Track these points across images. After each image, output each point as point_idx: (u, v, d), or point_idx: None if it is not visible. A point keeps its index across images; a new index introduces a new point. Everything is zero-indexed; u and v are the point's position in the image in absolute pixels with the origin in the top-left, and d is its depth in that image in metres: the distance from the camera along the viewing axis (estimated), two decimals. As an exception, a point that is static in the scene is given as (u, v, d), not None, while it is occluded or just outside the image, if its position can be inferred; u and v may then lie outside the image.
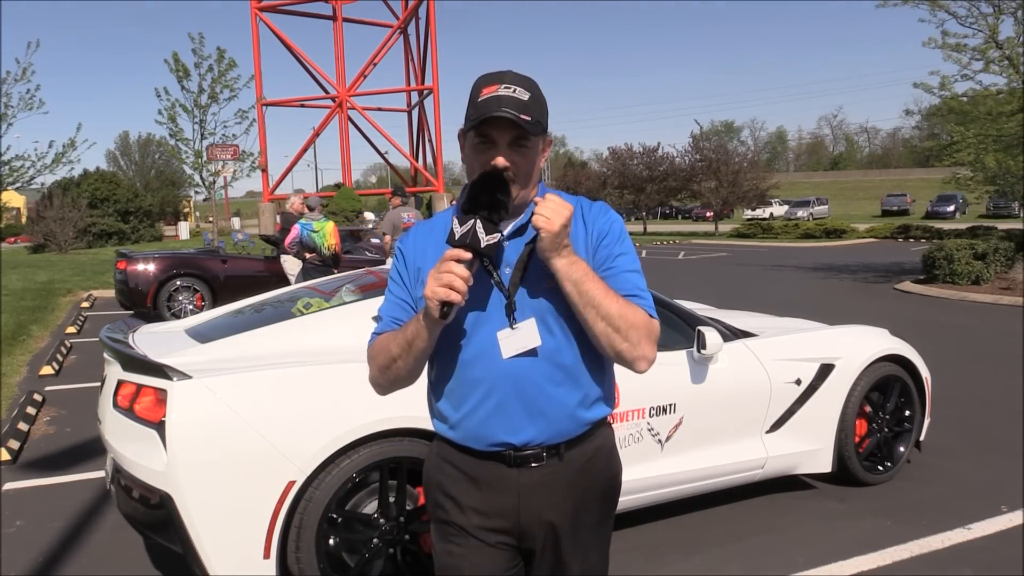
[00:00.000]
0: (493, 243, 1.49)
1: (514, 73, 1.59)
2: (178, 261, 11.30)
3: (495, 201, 1.51)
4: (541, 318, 1.59)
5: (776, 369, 3.94)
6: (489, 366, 1.59)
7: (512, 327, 1.57)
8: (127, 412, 2.97)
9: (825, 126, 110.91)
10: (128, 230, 40.51)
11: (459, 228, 1.49)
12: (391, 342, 1.61)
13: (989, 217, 39.49)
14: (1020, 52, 13.04)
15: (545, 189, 1.67)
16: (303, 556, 2.86)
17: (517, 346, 1.57)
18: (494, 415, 1.60)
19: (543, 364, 1.59)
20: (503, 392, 1.59)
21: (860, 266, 18.07)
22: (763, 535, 3.69)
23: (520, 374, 1.58)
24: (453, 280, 1.43)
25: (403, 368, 1.61)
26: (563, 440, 1.63)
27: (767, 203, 41.50)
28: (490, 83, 1.56)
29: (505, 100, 1.52)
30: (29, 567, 3.48)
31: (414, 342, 1.55)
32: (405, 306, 1.68)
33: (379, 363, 1.65)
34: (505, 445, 1.61)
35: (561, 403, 1.61)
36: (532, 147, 1.58)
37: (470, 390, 1.61)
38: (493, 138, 1.54)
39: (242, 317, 3.85)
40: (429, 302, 1.46)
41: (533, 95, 1.56)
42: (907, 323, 9.09)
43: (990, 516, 3.82)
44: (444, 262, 1.46)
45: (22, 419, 5.70)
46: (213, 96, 22.95)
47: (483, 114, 1.51)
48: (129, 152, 73.54)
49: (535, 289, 1.59)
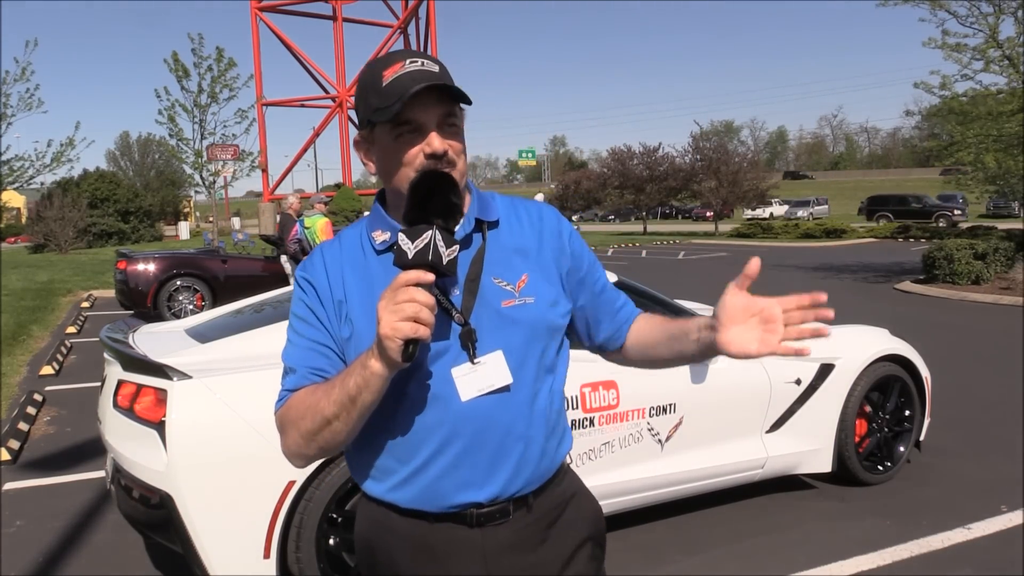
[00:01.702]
0: (454, 258, 1.21)
1: (410, 51, 1.32)
2: (178, 261, 11.30)
3: (448, 205, 1.22)
4: (506, 346, 1.31)
5: (776, 369, 3.94)
6: (444, 410, 1.29)
7: (473, 362, 1.28)
8: (127, 412, 2.97)
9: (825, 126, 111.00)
10: (128, 230, 40.51)
11: (410, 244, 1.18)
12: (321, 400, 1.25)
13: (989, 217, 39.47)
14: (1020, 52, 13.04)
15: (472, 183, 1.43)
16: (303, 556, 2.86)
17: (480, 385, 1.28)
18: (453, 469, 1.30)
19: (510, 401, 1.31)
20: (464, 440, 1.29)
21: (860, 266, 18.07)
22: (763, 535, 3.69)
23: (484, 417, 1.29)
24: (418, 311, 1.13)
25: (342, 431, 1.24)
26: (532, 488, 1.36)
27: (767, 203, 41.51)
28: (391, 63, 1.28)
29: (418, 74, 1.25)
30: (29, 567, 3.48)
31: (359, 396, 1.20)
32: (327, 352, 1.33)
33: (304, 428, 1.27)
34: (468, 504, 1.32)
35: (531, 445, 1.34)
36: (461, 125, 1.33)
37: (421, 441, 1.30)
38: (419, 122, 1.26)
39: (242, 317, 3.85)
40: (388, 342, 1.13)
41: (442, 67, 1.29)
42: (907, 323, 9.08)
43: (990, 516, 3.82)
44: (400, 289, 1.14)
45: (22, 419, 5.70)
46: (213, 96, 22.99)
47: (404, 92, 1.22)
48: (129, 152, 73.52)
49: (491, 311, 1.31)
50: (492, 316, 1.31)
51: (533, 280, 1.36)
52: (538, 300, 1.35)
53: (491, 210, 1.40)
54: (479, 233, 1.36)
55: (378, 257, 1.34)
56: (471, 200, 1.39)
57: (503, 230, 1.39)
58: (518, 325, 1.32)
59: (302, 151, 32.49)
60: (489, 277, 1.32)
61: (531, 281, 1.35)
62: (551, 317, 1.37)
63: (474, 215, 1.37)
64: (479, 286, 1.31)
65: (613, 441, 3.43)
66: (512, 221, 1.42)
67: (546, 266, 1.39)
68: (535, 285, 1.36)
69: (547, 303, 1.36)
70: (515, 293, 1.33)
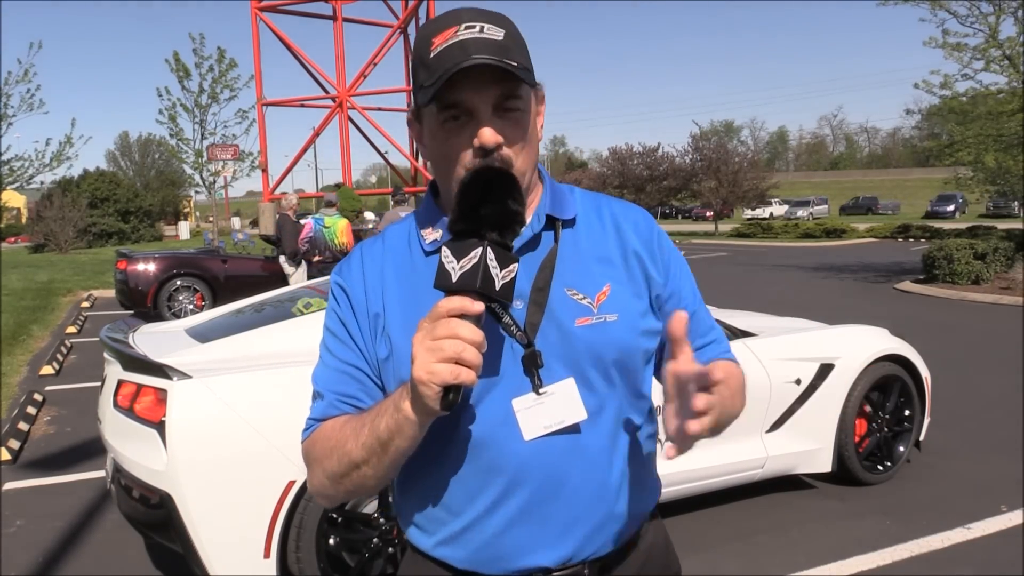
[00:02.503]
0: (511, 279, 0.96)
1: (474, 8, 1.05)
2: (178, 261, 11.31)
3: (505, 212, 0.97)
4: (579, 374, 1.07)
5: (776, 369, 3.94)
6: (504, 452, 1.06)
7: (538, 392, 1.05)
8: (127, 412, 2.97)
9: (825, 126, 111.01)
10: (128, 230, 40.54)
11: (455, 263, 0.95)
12: (348, 439, 1.05)
13: (989, 217, 39.47)
14: (1020, 52, 13.04)
15: (546, 173, 1.21)
16: (303, 556, 2.86)
17: (547, 421, 1.05)
18: (517, 525, 1.07)
19: (587, 443, 1.08)
20: (530, 491, 1.06)
21: (860, 266, 18.06)
22: (763, 535, 3.69)
23: (554, 461, 1.06)
24: (461, 350, 0.90)
25: (371, 476, 1.05)
26: (611, 548, 1.13)
27: (767, 203, 41.53)
28: (442, 28, 1.02)
29: (472, 45, 0.99)
30: (29, 567, 3.48)
31: (391, 442, 1.00)
32: (360, 376, 1.12)
33: (330, 469, 1.08)
34: (534, 570, 1.09)
35: (612, 498, 1.11)
36: (526, 108, 1.06)
37: (476, 489, 1.08)
38: (468, 106, 1.02)
39: (242, 317, 3.85)
40: (423, 388, 0.92)
41: (509, 32, 1.04)
42: (907, 323, 9.08)
43: (990, 516, 3.82)
44: (440, 321, 0.92)
45: (22, 419, 5.70)
46: (213, 96, 22.97)
47: (447, 70, 0.98)
48: (129, 152, 73.56)
49: (562, 330, 1.07)
50: (563, 336, 1.07)
51: (617, 293, 1.11)
52: (622, 318, 1.10)
53: (567, 206, 1.16)
54: (550, 232, 1.13)
55: (427, 259, 1.12)
56: (543, 192, 1.16)
57: (581, 231, 1.15)
58: (596, 348, 1.08)
59: (302, 151, 32.44)
60: (561, 287, 1.09)
61: (614, 294, 1.11)
62: (638, 340, 1.12)
63: (545, 211, 1.13)
64: (548, 298, 1.07)
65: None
66: (593, 221, 1.17)
67: (634, 278, 1.14)
68: (619, 299, 1.11)
69: (633, 322, 1.12)
70: (593, 309, 1.09)
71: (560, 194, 1.17)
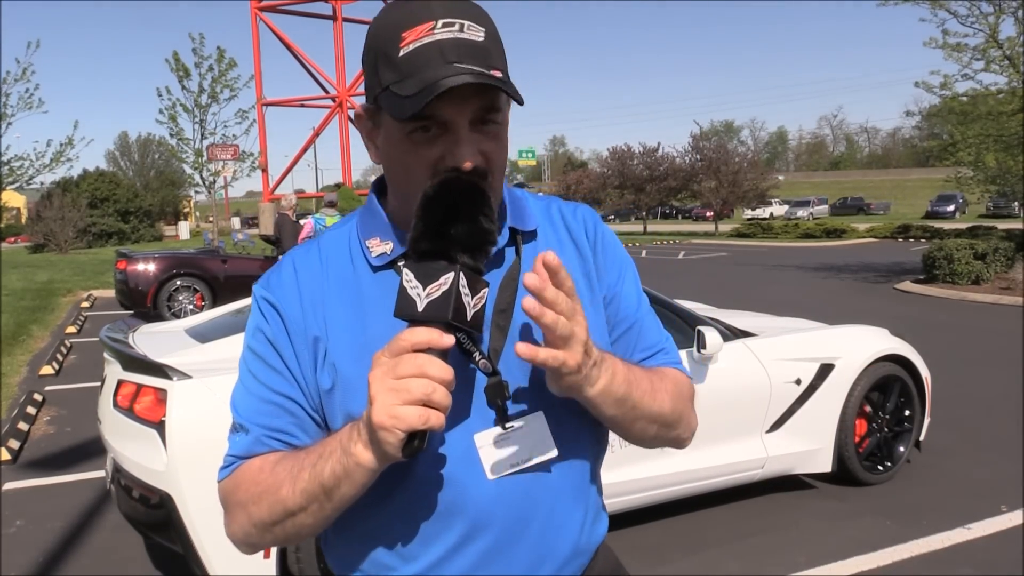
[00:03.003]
0: (481, 307, 0.86)
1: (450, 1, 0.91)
2: (178, 261, 11.31)
3: (477, 232, 0.86)
4: (549, 406, 0.97)
5: (776, 369, 3.94)
6: (465, 492, 0.94)
7: (503, 426, 0.94)
8: (127, 412, 2.97)
9: (825, 126, 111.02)
10: (128, 230, 40.57)
11: (420, 289, 0.83)
12: (283, 484, 0.92)
13: (989, 217, 39.47)
14: (1020, 52, 13.05)
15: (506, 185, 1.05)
16: (303, 556, 2.86)
17: (514, 459, 0.95)
18: (480, 569, 0.96)
19: (555, 479, 0.99)
20: (495, 533, 0.96)
21: (860, 266, 18.07)
22: (763, 535, 3.69)
23: (520, 500, 0.96)
24: (431, 392, 0.80)
25: (308, 525, 0.93)
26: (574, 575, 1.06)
27: (767, 203, 41.55)
28: (414, 20, 0.89)
29: (451, 49, 0.87)
30: (29, 567, 3.48)
31: (336, 489, 0.88)
32: (293, 408, 0.98)
33: (257, 516, 0.96)
34: None
35: (576, 533, 1.03)
36: (504, 122, 0.95)
37: (433, 532, 0.96)
38: (443, 119, 0.90)
39: (242, 317, 3.85)
40: (384, 434, 0.80)
41: (488, 31, 0.91)
42: (907, 323, 9.08)
43: (990, 516, 3.81)
44: (405, 357, 0.81)
45: (22, 419, 5.70)
46: (213, 96, 23.01)
47: (428, 87, 0.85)
48: (129, 152, 73.59)
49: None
50: (521, 363, 0.93)
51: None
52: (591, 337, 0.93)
53: (527, 216, 1.05)
54: (512, 247, 1.01)
55: (375, 275, 0.98)
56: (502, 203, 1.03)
57: (541, 244, 1.04)
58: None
59: (302, 151, 32.47)
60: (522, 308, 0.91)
61: None
62: None
63: (507, 223, 1.01)
64: (511, 320, 0.95)
65: (613, 442, 3.42)
66: (548, 231, 1.06)
67: (592, 288, 1.05)
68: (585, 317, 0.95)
69: (601, 340, 1.01)
70: None
71: (519, 203, 1.06)
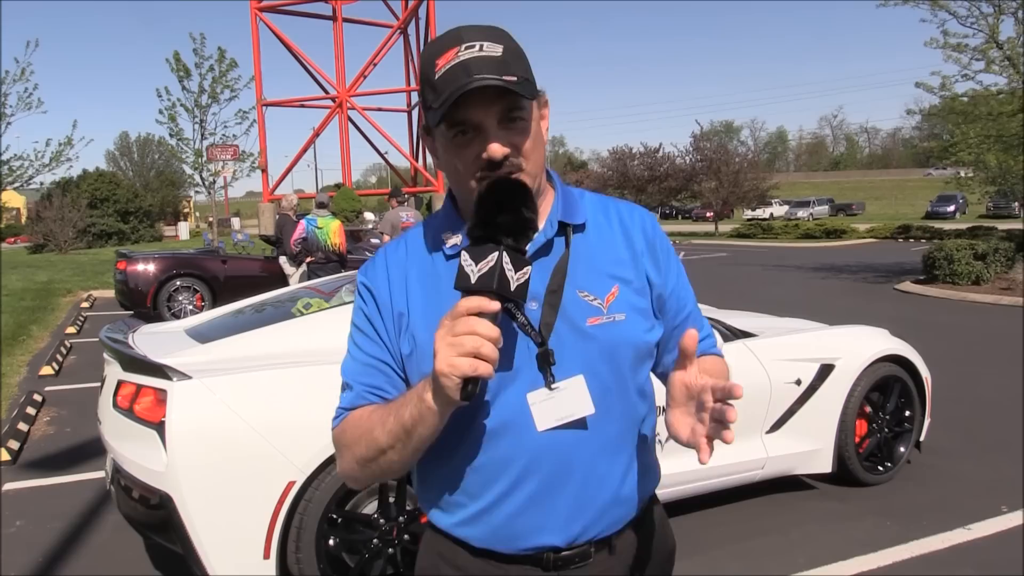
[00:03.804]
0: (524, 281, 1.05)
1: (473, 26, 1.13)
2: (178, 261, 11.31)
3: (519, 220, 1.07)
4: (590, 370, 1.16)
5: (776, 369, 3.93)
6: (519, 442, 1.16)
7: (550, 387, 1.14)
8: (127, 412, 2.97)
9: (825, 126, 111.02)
10: (128, 230, 40.55)
11: (474, 266, 1.04)
12: (375, 427, 1.15)
13: (989, 217, 39.48)
14: (1021, 52, 13.04)
15: (556, 177, 1.29)
16: (303, 556, 2.86)
17: (558, 414, 1.15)
18: (530, 508, 1.17)
19: (595, 434, 1.18)
20: (541, 477, 1.16)
21: (860, 266, 18.07)
22: (763, 535, 3.69)
23: (565, 451, 1.16)
24: (480, 345, 0.99)
25: (396, 461, 1.15)
26: (616, 529, 1.24)
27: (767, 203, 41.54)
28: (444, 49, 1.10)
29: (473, 64, 1.07)
30: (29, 567, 3.48)
31: (415, 430, 1.09)
32: (386, 369, 1.22)
33: (358, 454, 1.18)
34: (544, 548, 1.19)
35: (617, 484, 1.22)
36: (529, 118, 1.14)
37: (493, 475, 1.17)
38: (474, 122, 1.10)
39: (242, 317, 3.85)
40: (445, 380, 1.00)
41: (507, 47, 1.11)
42: (907, 323, 9.07)
43: (990, 516, 3.81)
44: (460, 319, 1.01)
45: (22, 419, 5.70)
46: (213, 96, 23.01)
47: (452, 93, 1.06)
48: (129, 152, 73.55)
49: (574, 330, 1.16)
50: (575, 335, 1.16)
51: (625, 294, 1.20)
52: (629, 317, 1.19)
53: (577, 211, 1.24)
54: (562, 238, 1.21)
55: (448, 263, 1.19)
56: (554, 198, 1.24)
57: (591, 235, 1.23)
58: (606, 346, 1.17)
59: (302, 151, 32.47)
60: (573, 290, 1.17)
61: (622, 295, 1.20)
62: (644, 337, 1.22)
63: (557, 217, 1.21)
64: (561, 300, 1.16)
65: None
66: (602, 224, 1.25)
67: (640, 279, 1.23)
68: (627, 300, 1.20)
69: (639, 321, 1.21)
70: (603, 309, 1.17)
71: (571, 199, 1.25)
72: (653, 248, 1.26)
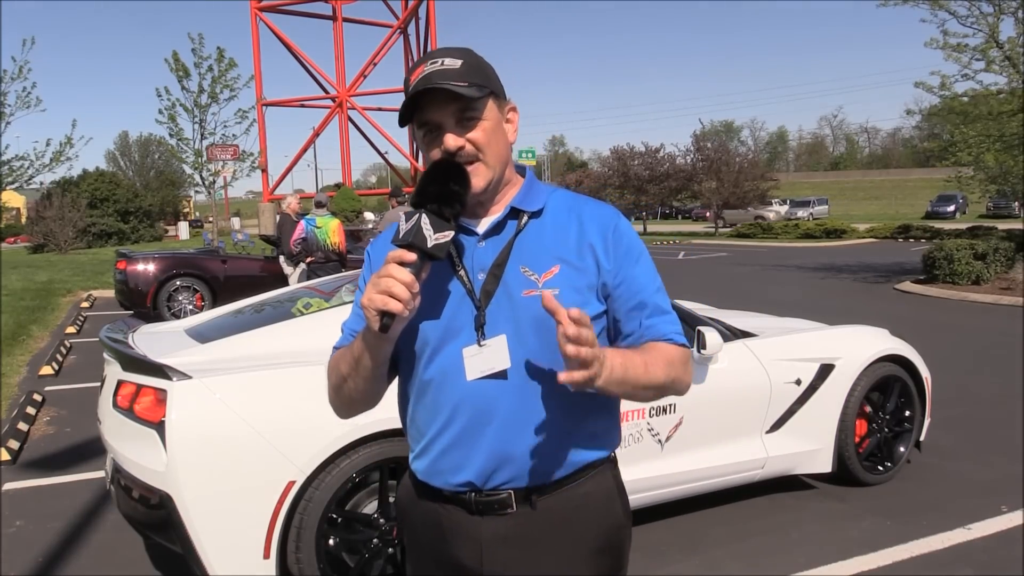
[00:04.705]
0: (443, 242, 1.25)
1: (445, 48, 1.37)
2: (178, 261, 11.31)
3: (446, 192, 1.27)
4: (518, 333, 1.33)
5: (776, 369, 3.93)
6: (453, 388, 1.35)
7: (480, 344, 1.33)
8: (127, 412, 2.97)
9: (825, 126, 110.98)
10: (128, 230, 40.53)
11: (404, 225, 1.27)
12: (341, 360, 1.39)
13: (989, 217, 39.46)
14: (1021, 52, 13.04)
15: (533, 177, 1.47)
16: (303, 556, 2.86)
17: (483, 367, 1.33)
18: (456, 446, 1.36)
19: (517, 389, 1.33)
20: (464, 420, 1.34)
21: (860, 266, 18.07)
22: (763, 535, 3.69)
23: (487, 399, 1.33)
24: (391, 286, 1.19)
25: (354, 390, 1.38)
26: (539, 484, 1.36)
27: (767, 203, 41.53)
28: (417, 66, 1.35)
29: (433, 75, 1.30)
30: (29, 567, 3.48)
31: (360, 359, 1.33)
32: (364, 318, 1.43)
33: (332, 382, 1.43)
34: (467, 485, 1.36)
35: (538, 438, 1.34)
36: (485, 118, 1.34)
37: (433, 415, 1.38)
38: (436, 122, 1.33)
39: (242, 317, 3.85)
40: (367, 312, 1.22)
41: (466, 61, 1.33)
42: (907, 323, 9.08)
43: (990, 516, 3.82)
44: (384, 265, 1.23)
45: (22, 419, 5.70)
46: (213, 96, 22.96)
47: (409, 96, 1.31)
48: (129, 152, 73.52)
49: (512, 298, 1.35)
50: (510, 303, 1.35)
51: (564, 273, 1.36)
52: (564, 293, 1.32)
53: (535, 201, 1.42)
54: (515, 221, 1.40)
55: None
56: (520, 189, 1.43)
57: (547, 221, 1.41)
58: (533, 314, 1.31)
59: (302, 151, 32.52)
60: (517, 265, 1.36)
61: (561, 274, 1.36)
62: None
63: (512, 204, 1.40)
64: (503, 272, 1.35)
65: (613, 441, 3.42)
66: (562, 215, 1.42)
67: (584, 263, 1.37)
68: (564, 278, 1.35)
69: (573, 296, 1.33)
70: (538, 284, 1.34)
71: (535, 192, 1.44)
72: (607, 240, 1.39)
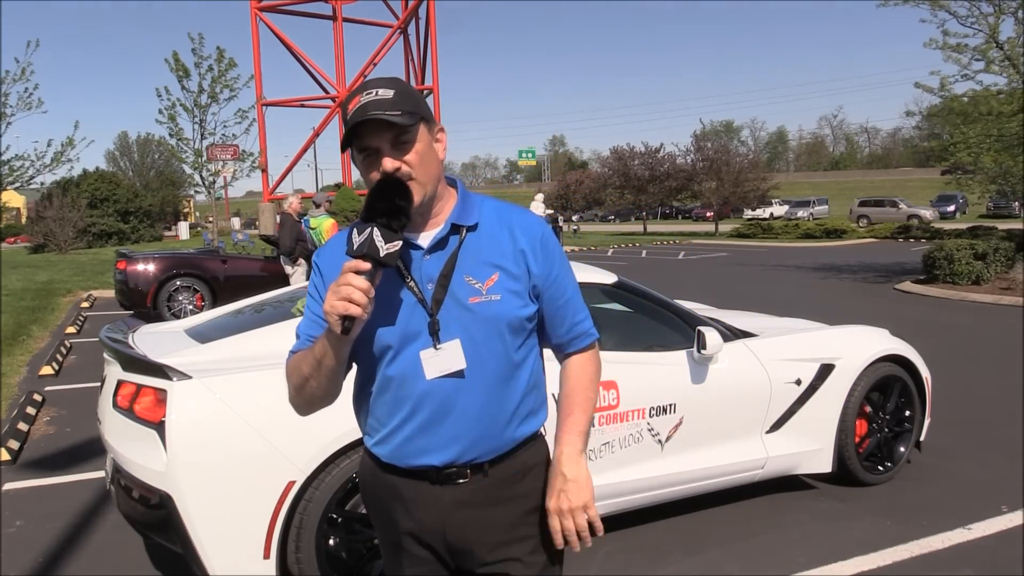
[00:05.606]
0: (393, 252, 1.40)
1: (377, 79, 1.54)
2: (178, 261, 11.30)
3: (394, 207, 1.43)
4: (468, 336, 1.53)
5: (776, 369, 3.93)
6: (414, 386, 1.53)
7: (436, 347, 1.51)
8: (127, 412, 2.97)
9: (825, 126, 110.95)
10: (128, 230, 40.52)
11: (357, 237, 1.40)
12: (302, 362, 1.54)
13: (989, 217, 39.46)
14: (1021, 52, 13.03)
15: (464, 189, 1.63)
16: (303, 556, 2.86)
17: (441, 367, 1.51)
18: (419, 435, 1.55)
19: (470, 384, 1.54)
20: (426, 414, 1.54)
21: (860, 266, 18.07)
22: (763, 535, 3.69)
23: (445, 394, 1.53)
24: (351, 292, 1.35)
25: (316, 388, 1.54)
26: (488, 458, 1.59)
27: (767, 203, 41.52)
28: (354, 96, 1.50)
29: (369, 105, 1.46)
30: (29, 567, 3.48)
31: (323, 360, 1.48)
32: (321, 323, 1.54)
33: (293, 383, 1.58)
34: (427, 466, 1.57)
35: (487, 423, 1.56)
36: (418, 140, 1.50)
37: (395, 408, 1.56)
38: (373, 147, 1.49)
39: (242, 317, 3.85)
40: (329, 317, 1.38)
41: (398, 90, 1.49)
42: (907, 323, 9.08)
43: (990, 516, 3.82)
44: (343, 274, 1.38)
45: (22, 419, 5.70)
46: (213, 96, 22.92)
47: (349, 126, 1.47)
48: (129, 152, 73.52)
49: (460, 305, 1.53)
50: (459, 309, 1.52)
51: (502, 280, 1.55)
52: (504, 298, 1.54)
53: (470, 215, 1.58)
54: (456, 236, 1.56)
55: None
56: (455, 204, 1.60)
57: (483, 233, 1.58)
58: (481, 319, 1.52)
59: (302, 151, 32.49)
60: (461, 275, 1.53)
61: (500, 281, 1.54)
62: (517, 313, 1.56)
63: (452, 220, 1.57)
64: (450, 282, 1.53)
65: (613, 441, 3.43)
66: (494, 225, 1.59)
67: (519, 269, 1.57)
68: (503, 285, 1.54)
69: (513, 300, 1.55)
70: (482, 291, 1.53)
71: (469, 205, 1.60)
72: (535, 247, 1.59)
